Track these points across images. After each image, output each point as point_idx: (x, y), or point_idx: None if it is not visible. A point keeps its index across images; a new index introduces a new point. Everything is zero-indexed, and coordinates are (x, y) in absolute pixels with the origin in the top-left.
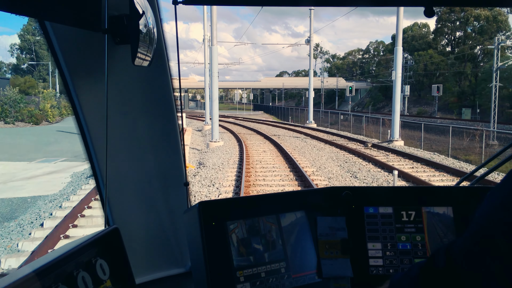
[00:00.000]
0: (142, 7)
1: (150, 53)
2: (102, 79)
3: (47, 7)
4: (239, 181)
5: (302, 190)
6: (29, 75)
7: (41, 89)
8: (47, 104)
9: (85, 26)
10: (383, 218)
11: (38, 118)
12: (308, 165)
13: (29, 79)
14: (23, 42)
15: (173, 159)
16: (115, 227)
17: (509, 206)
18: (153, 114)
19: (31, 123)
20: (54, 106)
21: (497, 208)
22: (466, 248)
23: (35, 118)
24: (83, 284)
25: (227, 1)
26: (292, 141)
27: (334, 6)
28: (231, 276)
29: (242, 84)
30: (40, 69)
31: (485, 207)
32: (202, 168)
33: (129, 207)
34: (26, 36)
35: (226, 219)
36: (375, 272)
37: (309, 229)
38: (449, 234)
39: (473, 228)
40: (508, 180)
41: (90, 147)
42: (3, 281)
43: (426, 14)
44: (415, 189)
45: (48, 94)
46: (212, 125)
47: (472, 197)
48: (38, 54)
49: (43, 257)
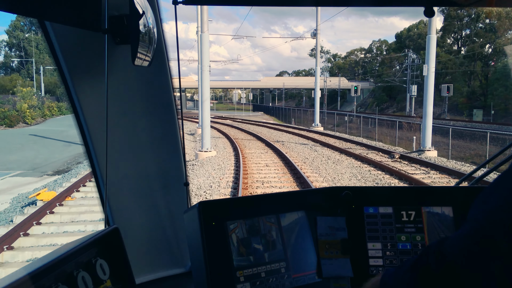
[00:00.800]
0: (142, 7)
1: (150, 53)
2: (102, 79)
3: (47, 7)
4: None
5: (302, 190)
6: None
7: (19, 87)
8: (25, 104)
9: (85, 26)
10: (383, 218)
11: (12, 120)
12: None
13: (16, 77)
14: (11, 39)
15: (173, 159)
16: (115, 227)
17: (510, 206)
18: (153, 114)
19: (3, 126)
20: (35, 106)
21: (498, 208)
22: (466, 248)
23: (8, 120)
24: (83, 284)
25: (227, 1)
26: (299, 149)
27: (334, 6)
28: (231, 276)
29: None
30: (29, 67)
31: (482, 207)
32: None
33: (129, 207)
34: (14, 32)
35: (226, 219)
36: (375, 272)
37: (309, 229)
38: (449, 234)
39: (471, 227)
40: (505, 180)
41: (90, 147)
42: (3, 281)
43: (426, 14)
44: (415, 189)
45: (27, 93)
46: (202, 131)
47: (472, 197)
48: (27, 51)
49: (43, 257)
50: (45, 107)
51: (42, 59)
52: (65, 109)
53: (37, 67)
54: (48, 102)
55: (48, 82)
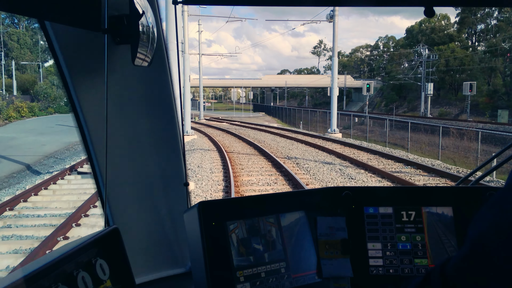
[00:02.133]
0: (142, 7)
1: (150, 53)
2: (102, 79)
3: (47, 7)
4: None
5: (302, 190)
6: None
7: None
8: None
9: (85, 26)
10: (383, 218)
11: None
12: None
13: None
14: None
15: (173, 159)
16: (115, 227)
17: (501, 227)
18: (153, 114)
19: None
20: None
21: (490, 230)
22: (464, 270)
23: None
24: (83, 284)
25: (227, 1)
26: (324, 174)
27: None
28: (231, 276)
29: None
30: (9, 63)
31: (478, 225)
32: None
33: (129, 207)
34: None
35: (226, 219)
36: (375, 272)
37: (309, 229)
38: (449, 234)
39: (468, 248)
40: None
41: (90, 147)
42: (3, 281)
43: (426, 14)
44: (415, 189)
45: None
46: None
47: (472, 197)
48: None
49: (42, 257)
50: (11, 108)
51: (23, 54)
52: (38, 110)
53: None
54: (17, 102)
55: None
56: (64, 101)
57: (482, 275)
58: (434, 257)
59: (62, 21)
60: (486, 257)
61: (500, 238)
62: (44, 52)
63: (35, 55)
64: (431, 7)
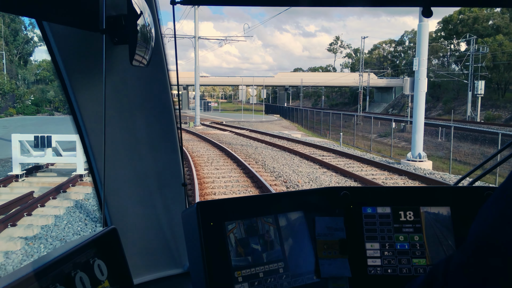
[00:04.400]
0: (140, 7)
1: (148, 53)
2: (100, 79)
3: (45, 7)
4: None
5: (300, 190)
6: None
7: None
8: None
9: (83, 26)
10: (381, 218)
11: None
12: None
13: None
14: None
15: (171, 159)
16: (113, 227)
17: (502, 227)
18: (151, 114)
19: None
20: None
21: (489, 228)
22: (462, 265)
23: None
24: (81, 284)
25: (227, 1)
26: None
27: (334, 6)
28: (229, 276)
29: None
30: None
31: (478, 223)
32: None
33: (127, 207)
34: None
35: (224, 219)
36: (373, 272)
37: (307, 229)
38: (447, 234)
39: (468, 246)
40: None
41: (88, 147)
42: (2, 281)
43: (424, 14)
44: (413, 189)
45: None
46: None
47: (470, 197)
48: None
49: (41, 258)
50: None
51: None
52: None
53: None
54: None
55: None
56: (31, 100)
57: (490, 269)
58: (432, 257)
59: (60, 22)
60: (495, 250)
61: (510, 230)
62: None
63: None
64: (429, 7)
